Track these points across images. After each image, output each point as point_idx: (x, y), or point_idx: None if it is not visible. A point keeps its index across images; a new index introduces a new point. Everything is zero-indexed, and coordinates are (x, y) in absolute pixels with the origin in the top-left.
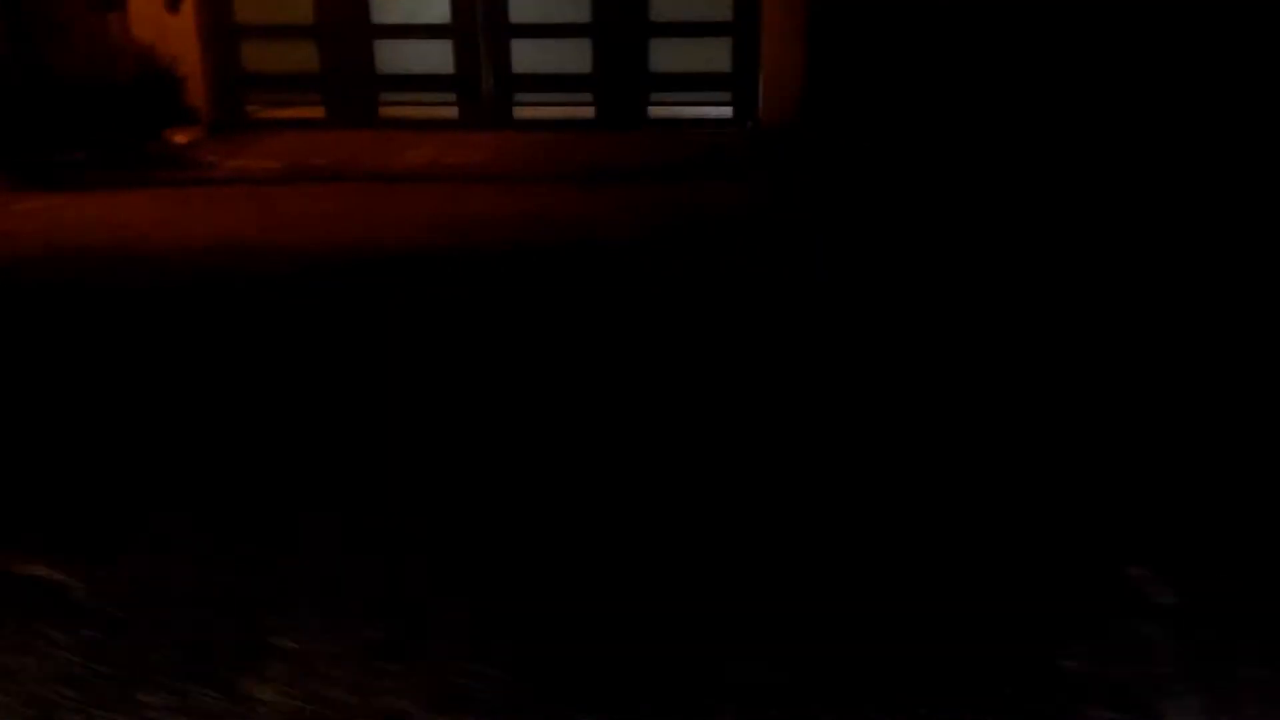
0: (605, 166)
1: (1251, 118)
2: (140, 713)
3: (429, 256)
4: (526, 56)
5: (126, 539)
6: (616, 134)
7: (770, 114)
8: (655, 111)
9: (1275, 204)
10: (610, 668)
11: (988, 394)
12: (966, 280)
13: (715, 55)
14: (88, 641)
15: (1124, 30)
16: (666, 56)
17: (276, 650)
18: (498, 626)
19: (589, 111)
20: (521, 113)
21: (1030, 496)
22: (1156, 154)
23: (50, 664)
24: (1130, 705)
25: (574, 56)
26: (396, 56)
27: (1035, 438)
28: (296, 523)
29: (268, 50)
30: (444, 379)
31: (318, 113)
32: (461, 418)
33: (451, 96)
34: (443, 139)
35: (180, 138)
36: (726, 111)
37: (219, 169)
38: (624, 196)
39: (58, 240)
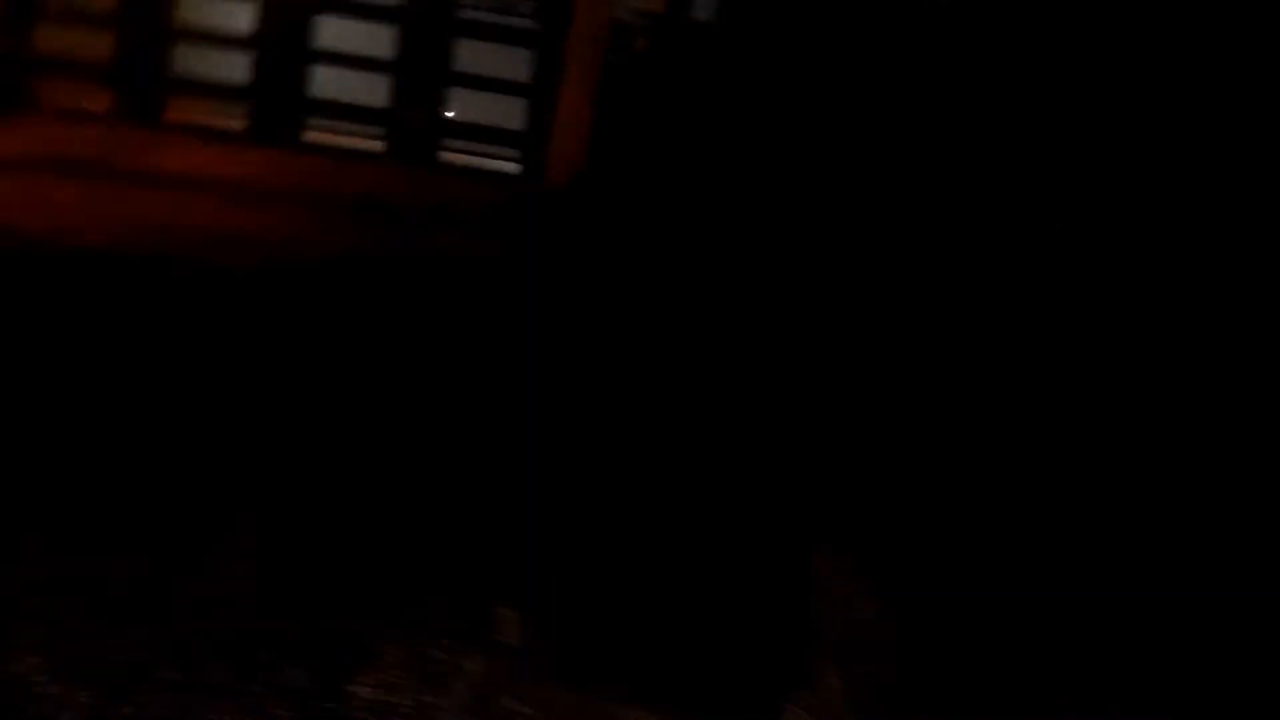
0: (368, 200)
1: None
2: None
3: (95, 255)
4: (326, 82)
5: None
6: (400, 171)
7: (556, 177)
8: (448, 157)
9: None
10: None
11: None
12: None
13: (510, 112)
14: None
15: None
16: (463, 105)
17: None
18: None
19: (379, 146)
20: (310, 135)
21: None
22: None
23: None
24: None
25: (372, 90)
26: (192, 61)
27: None
28: None
29: (66, 34)
30: None
31: (106, 105)
32: None
33: (242, 109)
34: (220, 150)
35: None
36: (515, 168)
37: None
38: (362, 227)
39: None
